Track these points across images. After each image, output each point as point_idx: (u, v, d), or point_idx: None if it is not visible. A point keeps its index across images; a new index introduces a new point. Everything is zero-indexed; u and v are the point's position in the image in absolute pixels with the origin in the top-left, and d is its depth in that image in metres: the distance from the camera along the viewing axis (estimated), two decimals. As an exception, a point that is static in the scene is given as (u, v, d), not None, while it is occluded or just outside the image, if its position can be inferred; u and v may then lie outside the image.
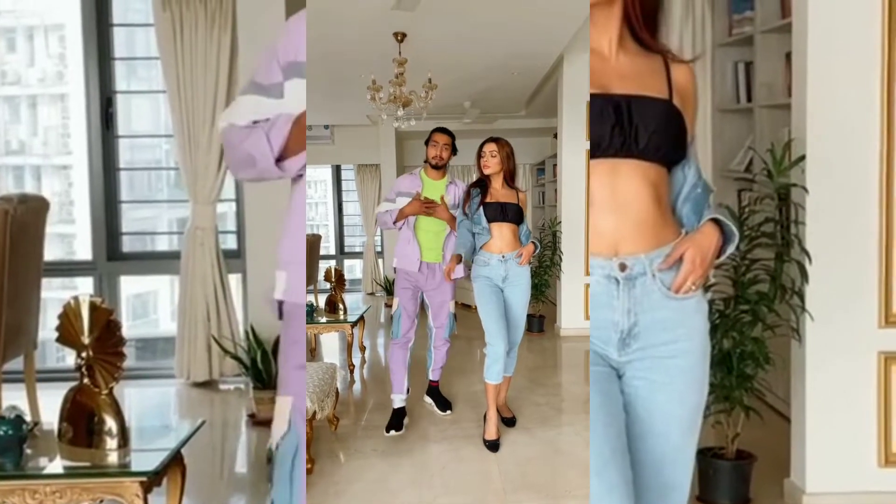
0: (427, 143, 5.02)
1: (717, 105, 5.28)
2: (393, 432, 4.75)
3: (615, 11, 1.95)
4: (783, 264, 3.35)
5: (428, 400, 5.41)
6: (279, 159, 2.07)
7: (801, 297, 3.32)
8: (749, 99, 5.15)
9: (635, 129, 1.86)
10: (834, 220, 3.33)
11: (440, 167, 4.98)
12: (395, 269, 5.11)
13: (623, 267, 1.88)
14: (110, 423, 2.74)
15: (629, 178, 1.88)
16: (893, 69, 3.28)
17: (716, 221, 1.94)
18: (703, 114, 5.17)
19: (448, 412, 5.22)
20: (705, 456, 3.47)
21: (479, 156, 4.69)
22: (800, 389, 3.44)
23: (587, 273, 8.39)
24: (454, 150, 5.03)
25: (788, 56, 4.03)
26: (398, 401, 5.00)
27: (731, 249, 1.97)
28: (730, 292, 3.42)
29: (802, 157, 3.32)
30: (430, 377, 5.39)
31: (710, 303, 1.99)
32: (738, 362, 3.39)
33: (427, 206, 4.78)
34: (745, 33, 5.09)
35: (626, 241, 1.89)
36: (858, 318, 3.35)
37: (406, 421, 4.96)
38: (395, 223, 4.88)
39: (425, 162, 5.06)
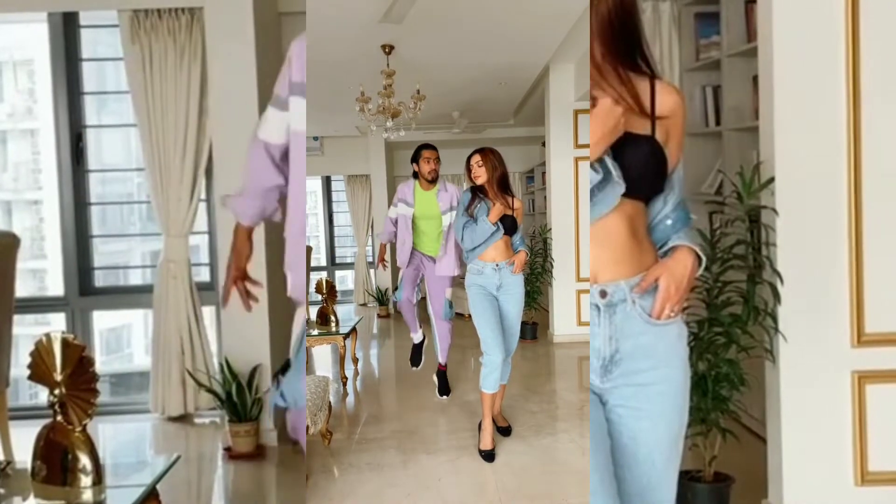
0: (417, 160, 5.74)
1: (686, 129, 5.32)
2: (414, 368, 6.54)
3: (596, 45, 1.96)
4: (755, 286, 3.37)
5: (435, 380, 6.24)
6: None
7: (774, 318, 3.34)
8: (718, 122, 5.20)
9: (625, 169, 1.88)
10: (804, 241, 3.36)
11: (434, 180, 5.72)
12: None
13: (603, 294, 1.90)
14: (84, 460, 2.71)
15: (607, 214, 1.90)
16: (858, 89, 3.33)
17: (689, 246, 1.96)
18: (673, 138, 5.20)
19: (444, 397, 6.06)
20: (683, 479, 3.47)
21: (468, 168, 4.77)
22: (775, 410, 3.46)
23: (578, 279, 8.62)
24: (439, 160, 5.79)
25: (755, 79, 4.08)
26: (416, 338, 6.49)
27: (699, 272, 2.00)
28: (703, 315, 3.44)
29: (772, 180, 3.35)
30: (440, 360, 6.13)
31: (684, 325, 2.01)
32: (713, 384, 3.41)
33: None
34: (711, 58, 5.16)
35: (606, 269, 1.91)
36: (831, 338, 3.38)
37: (425, 345, 6.53)
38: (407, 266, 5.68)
39: (414, 175, 5.82)
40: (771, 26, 3.38)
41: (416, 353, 6.53)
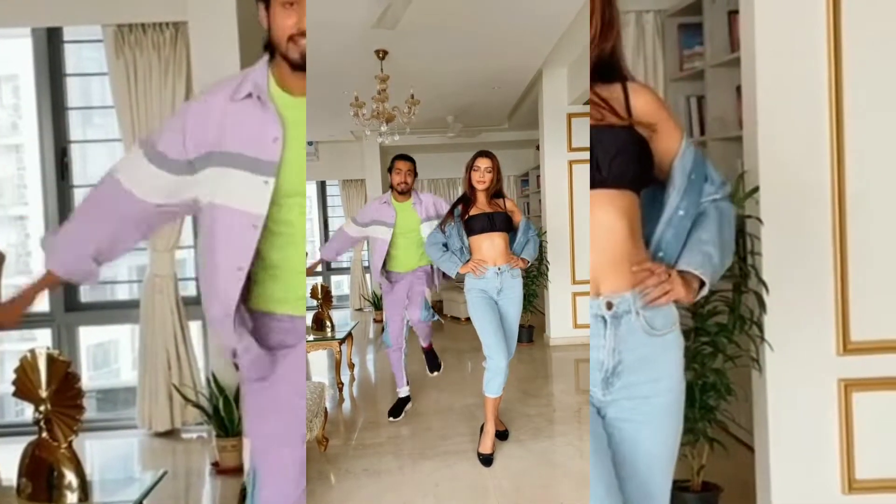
0: (390, 170, 5.62)
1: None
2: (391, 419, 5.61)
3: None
4: (741, 295, 3.38)
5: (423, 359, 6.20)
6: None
7: (760, 327, 3.35)
8: (702, 132, 5.22)
9: (596, 158, 1.88)
10: (789, 250, 3.37)
11: (406, 192, 5.58)
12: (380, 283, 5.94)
13: (609, 305, 1.90)
14: (70, 477, 2.70)
15: (603, 210, 1.91)
16: (841, 98, 3.34)
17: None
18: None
19: (436, 373, 6.12)
20: (671, 489, 3.46)
21: (472, 169, 4.73)
22: (762, 419, 3.46)
23: (574, 282, 8.64)
24: (415, 173, 5.64)
25: (739, 89, 4.10)
26: (401, 392, 5.88)
27: (703, 293, 2.00)
28: (690, 324, 3.44)
29: (756, 189, 3.36)
30: (422, 344, 6.04)
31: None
32: (700, 394, 3.41)
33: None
34: (695, 68, 5.18)
35: (607, 278, 1.91)
36: (817, 347, 3.38)
37: (408, 408, 5.85)
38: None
39: (391, 188, 5.67)
40: (753, 36, 3.40)
41: (398, 406, 5.82)
